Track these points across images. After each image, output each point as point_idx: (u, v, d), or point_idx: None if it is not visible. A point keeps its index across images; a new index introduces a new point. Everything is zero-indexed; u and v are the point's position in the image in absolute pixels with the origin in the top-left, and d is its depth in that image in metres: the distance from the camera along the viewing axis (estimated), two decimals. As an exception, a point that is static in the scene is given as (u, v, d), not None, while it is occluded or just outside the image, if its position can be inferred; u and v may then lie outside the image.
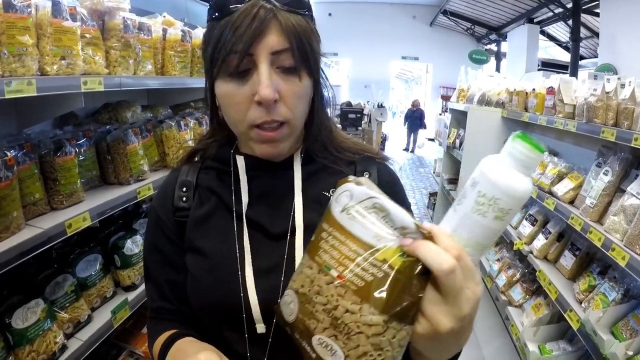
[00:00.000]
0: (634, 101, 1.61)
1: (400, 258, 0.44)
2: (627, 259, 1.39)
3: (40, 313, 1.27)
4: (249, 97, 0.65)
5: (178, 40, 1.90)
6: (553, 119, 2.21)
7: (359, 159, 0.81)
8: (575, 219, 1.82)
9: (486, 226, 0.45)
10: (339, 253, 0.48)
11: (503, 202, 0.44)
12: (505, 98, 3.28)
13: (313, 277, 0.49)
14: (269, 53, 0.64)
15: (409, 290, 0.43)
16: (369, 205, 0.48)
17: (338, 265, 0.47)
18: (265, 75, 0.63)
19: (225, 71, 0.65)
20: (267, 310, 0.70)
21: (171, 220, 0.80)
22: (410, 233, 0.45)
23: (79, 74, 1.33)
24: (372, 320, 0.43)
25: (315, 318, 0.47)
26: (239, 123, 0.69)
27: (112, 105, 1.93)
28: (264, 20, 0.62)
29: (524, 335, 1.95)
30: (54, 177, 1.37)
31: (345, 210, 0.49)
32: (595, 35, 8.14)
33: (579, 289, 1.76)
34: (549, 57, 11.49)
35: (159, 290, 0.83)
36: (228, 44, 0.63)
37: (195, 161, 0.84)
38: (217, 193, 0.78)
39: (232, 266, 0.72)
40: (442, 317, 0.43)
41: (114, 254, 1.68)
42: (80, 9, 1.35)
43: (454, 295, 0.43)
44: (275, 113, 0.66)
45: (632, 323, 1.43)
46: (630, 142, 1.48)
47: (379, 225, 0.46)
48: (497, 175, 0.44)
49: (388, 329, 0.43)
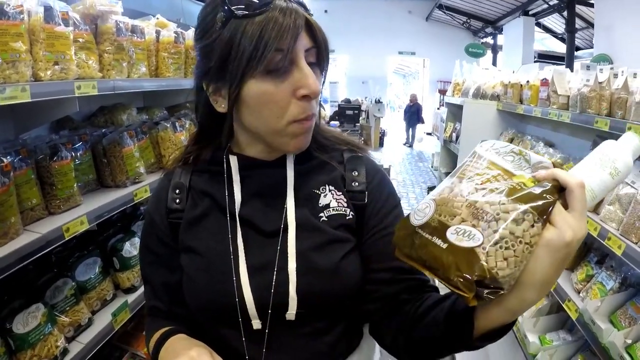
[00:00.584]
0: (627, 91, 1.61)
1: (536, 182, 0.52)
2: (623, 248, 1.40)
3: (40, 317, 1.28)
4: (289, 94, 0.67)
5: (171, 41, 1.90)
6: (547, 110, 2.22)
7: (348, 158, 0.83)
8: (571, 209, 1.83)
9: (601, 178, 0.57)
10: (481, 174, 0.54)
11: (619, 163, 0.57)
12: (500, 91, 3.28)
13: (454, 186, 0.55)
14: (304, 50, 0.67)
15: (546, 193, 0.50)
16: (508, 150, 0.56)
17: (481, 179, 0.53)
18: (310, 70, 0.67)
19: (265, 69, 0.65)
20: (262, 306, 0.72)
21: (165, 222, 0.81)
22: (544, 167, 0.53)
23: (73, 78, 1.34)
24: (513, 207, 0.49)
25: (452, 213, 0.51)
26: (276, 121, 0.69)
27: (108, 108, 1.93)
28: (298, 20, 0.64)
29: (524, 326, 1.96)
30: (50, 182, 1.38)
31: (488, 150, 0.57)
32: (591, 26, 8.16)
33: (577, 278, 1.77)
34: (545, 48, 11.51)
35: (153, 291, 0.86)
36: (272, 42, 0.62)
37: (188, 163, 0.85)
38: (211, 194, 0.80)
39: (226, 264, 0.74)
40: (567, 228, 0.48)
41: (112, 257, 1.69)
42: (72, 14, 1.36)
43: (580, 211, 0.50)
44: (312, 107, 0.70)
45: (630, 311, 1.44)
46: (624, 131, 1.48)
47: (516, 162, 0.55)
48: (619, 146, 0.59)
49: (525, 220, 0.48)
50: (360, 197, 0.79)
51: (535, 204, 0.48)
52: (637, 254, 1.34)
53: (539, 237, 0.48)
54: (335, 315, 0.78)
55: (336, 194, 0.79)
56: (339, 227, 0.76)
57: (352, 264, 0.76)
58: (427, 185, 6.83)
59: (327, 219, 0.76)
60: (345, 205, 0.78)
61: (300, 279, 0.72)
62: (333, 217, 0.76)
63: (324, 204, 0.77)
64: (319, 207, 0.77)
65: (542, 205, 0.49)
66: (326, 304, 0.75)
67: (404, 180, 8.19)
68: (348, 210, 0.78)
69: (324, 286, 0.73)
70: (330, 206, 0.77)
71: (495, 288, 0.47)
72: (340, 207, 0.78)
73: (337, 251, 0.75)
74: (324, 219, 0.76)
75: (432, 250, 0.51)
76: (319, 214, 0.76)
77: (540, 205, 0.49)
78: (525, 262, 0.48)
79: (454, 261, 0.48)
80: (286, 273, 0.72)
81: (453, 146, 4.05)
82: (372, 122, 11.05)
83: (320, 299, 0.74)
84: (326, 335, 0.77)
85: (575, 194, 0.50)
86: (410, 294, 0.74)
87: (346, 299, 0.76)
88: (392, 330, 0.74)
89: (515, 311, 0.53)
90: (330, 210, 0.77)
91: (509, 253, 0.47)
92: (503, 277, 0.47)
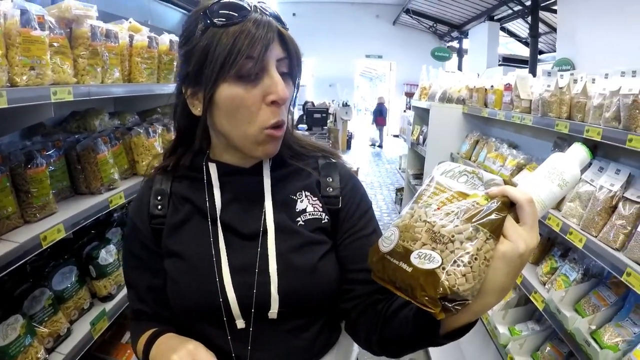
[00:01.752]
0: (586, 95, 1.73)
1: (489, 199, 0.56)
2: (584, 241, 1.51)
3: (20, 329, 1.25)
4: (259, 99, 0.71)
5: (145, 46, 1.88)
6: (511, 114, 2.34)
7: (322, 165, 0.88)
8: (535, 206, 1.95)
9: (550, 189, 0.61)
10: (437, 198, 0.59)
11: (566, 175, 0.62)
12: (465, 95, 3.41)
13: (414, 212, 0.59)
14: (275, 60, 0.70)
15: (496, 211, 0.54)
16: (462, 170, 0.61)
17: (437, 202, 0.58)
18: (279, 78, 0.70)
19: (236, 75, 0.69)
20: (245, 306, 0.76)
21: (147, 227, 0.84)
22: (496, 184, 0.57)
23: (48, 83, 1.31)
24: (465, 227, 0.53)
25: (414, 238, 0.56)
26: (248, 125, 0.72)
27: (80, 113, 1.89)
28: (272, 29, 0.69)
29: (494, 319, 2.06)
30: (26, 190, 1.34)
31: (444, 174, 0.62)
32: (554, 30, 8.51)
33: (542, 271, 1.88)
34: (510, 52, 11.97)
35: (138, 294, 0.87)
36: (244, 49, 0.67)
37: (168, 170, 0.87)
38: (191, 200, 0.83)
39: (209, 267, 0.77)
40: (520, 240, 0.52)
41: (89, 265, 1.66)
42: (47, 18, 1.33)
43: (531, 224, 0.54)
44: (282, 114, 0.73)
45: (593, 300, 1.55)
46: (583, 133, 1.60)
47: (470, 182, 0.59)
48: (566, 159, 0.64)
49: (477, 238, 0.52)
50: (334, 201, 0.85)
51: (487, 222, 0.53)
52: (596, 247, 1.45)
53: (493, 251, 0.52)
54: (314, 313, 0.83)
55: (312, 199, 0.84)
56: (315, 230, 0.82)
57: (329, 264, 0.81)
58: (395, 187, 6.98)
59: (304, 223, 0.81)
60: (320, 209, 0.83)
61: (281, 279, 0.76)
62: (309, 221, 0.81)
63: (300, 209, 0.82)
64: (296, 211, 0.82)
65: (494, 222, 0.53)
66: (306, 302, 0.79)
67: (372, 182, 8.32)
68: (323, 215, 0.83)
69: (303, 285, 0.78)
70: (307, 211, 0.82)
71: (460, 300, 0.52)
72: (316, 212, 0.83)
73: (314, 252, 0.80)
74: (300, 223, 0.81)
75: (400, 274, 0.56)
76: (296, 219, 0.81)
77: (491, 223, 0.53)
78: (484, 275, 0.52)
79: (418, 283, 0.53)
80: (267, 274, 0.76)
81: (420, 148, 4.17)
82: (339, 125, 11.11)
83: (300, 297, 0.78)
84: (306, 332, 0.82)
85: (525, 209, 0.54)
86: (383, 293, 0.79)
87: (324, 297, 0.81)
88: (366, 327, 0.79)
89: (478, 313, 0.58)
90: (306, 215, 0.82)
91: (467, 270, 0.51)
92: (465, 291, 0.51)
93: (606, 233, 1.45)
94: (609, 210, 1.50)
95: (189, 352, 0.66)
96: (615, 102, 1.43)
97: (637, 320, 1.35)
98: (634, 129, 1.34)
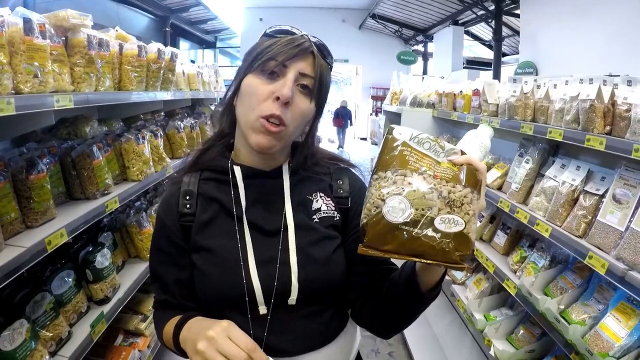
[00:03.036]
0: (548, 99, 1.92)
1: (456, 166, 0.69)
2: (550, 231, 1.68)
3: (25, 333, 1.27)
4: (269, 93, 0.82)
5: (135, 55, 1.92)
6: (479, 117, 2.52)
7: (334, 169, 1.01)
8: (503, 202, 2.11)
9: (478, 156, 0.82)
10: (424, 163, 0.68)
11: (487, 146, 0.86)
12: (435, 99, 3.60)
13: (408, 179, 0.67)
14: (298, 72, 0.83)
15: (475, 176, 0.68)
16: (424, 137, 0.71)
17: (428, 169, 0.67)
18: (290, 81, 0.81)
19: (260, 69, 0.83)
20: (267, 294, 0.87)
21: (176, 225, 0.92)
22: (455, 153, 0.71)
23: (50, 91, 1.35)
24: (467, 192, 0.65)
25: (429, 206, 0.64)
26: (251, 111, 0.83)
27: (70, 120, 1.90)
28: (305, 50, 0.83)
29: (470, 307, 2.22)
30: (27, 196, 1.37)
31: (412, 139, 0.70)
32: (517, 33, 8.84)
33: (513, 261, 2.05)
34: (474, 55, 12.42)
35: (164, 287, 0.96)
36: (274, 53, 0.82)
37: (195, 172, 0.96)
38: (218, 200, 0.92)
39: (236, 260, 0.87)
40: (483, 198, 0.70)
41: (85, 269, 1.68)
42: (48, 26, 1.36)
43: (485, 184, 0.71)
44: (283, 112, 0.82)
45: (561, 284, 1.72)
46: (546, 134, 1.77)
47: (433, 149, 0.70)
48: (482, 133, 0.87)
49: (473, 199, 0.66)
50: (344, 202, 0.97)
51: (476, 185, 0.67)
52: (561, 235, 1.62)
53: (477, 206, 0.67)
54: (327, 301, 0.94)
55: (326, 199, 0.96)
56: (329, 227, 0.94)
57: (340, 256, 0.93)
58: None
59: (319, 220, 0.93)
60: (333, 208, 0.95)
61: (301, 270, 0.87)
62: (324, 219, 0.93)
63: (316, 208, 0.94)
64: (312, 210, 0.94)
65: (480, 185, 0.68)
66: (321, 289, 0.90)
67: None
68: (335, 213, 0.96)
69: (319, 274, 0.89)
70: (321, 209, 0.94)
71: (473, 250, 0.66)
72: (329, 210, 0.95)
73: (329, 246, 0.92)
74: (316, 220, 0.93)
75: (425, 242, 0.62)
76: (312, 216, 0.93)
77: (478, 186, 0.67)
78: None
79: (451, 245, 0.62)
80: (288, 265, 0.87)
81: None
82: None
83: (317, 285, 0.89)
84: (320, 317, 0.92)
85: (484, 174, 0.70)
86: (382, 281, 0.91)
87: (337, 284, 0.92)
88: (369, 312, 0.92)
89: None
90: (321, 213, 0.94)
91: (475, 226, 0.65)
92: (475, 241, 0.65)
93: (569, 223, 1.62)
94: (571, 202, 1.68)
95: (224, 329, 0.73)
96: (574, 106, 1.60)
97: (601, 299, 1.53)
98: (591, 130, 1.52)
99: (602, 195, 1.54)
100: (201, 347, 0.70)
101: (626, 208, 1.40)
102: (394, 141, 0.70)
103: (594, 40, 5.37)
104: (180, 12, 12.00)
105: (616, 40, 5.05)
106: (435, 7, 10.01)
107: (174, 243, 0.93)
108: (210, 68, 3.58)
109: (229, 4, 12.97)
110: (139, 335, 2.01)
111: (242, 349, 0.69)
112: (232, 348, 0.69)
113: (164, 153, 2.29)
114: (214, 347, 0.70)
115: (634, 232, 1.30)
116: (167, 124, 2.60)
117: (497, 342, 1.94)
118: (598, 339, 1.35)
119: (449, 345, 2.76)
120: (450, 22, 10.22)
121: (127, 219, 2.07)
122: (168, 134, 2.57)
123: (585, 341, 1.37)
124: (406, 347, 2.96)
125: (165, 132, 2.54)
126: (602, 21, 5.27)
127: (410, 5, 10.52)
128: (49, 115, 1.43)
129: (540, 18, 6.49)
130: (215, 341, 0.70)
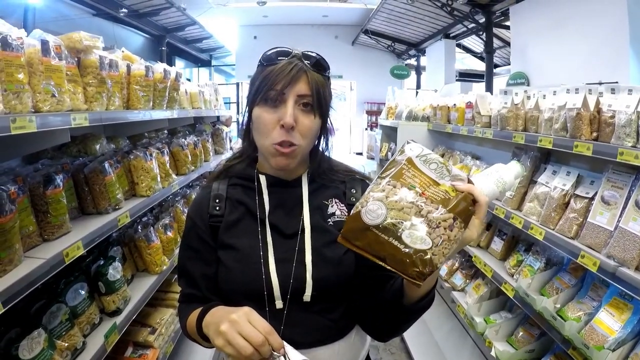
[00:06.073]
0: (538, 109, 2.02)
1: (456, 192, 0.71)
2: (544, 234, 1.76)
3: (43, 343, 1.31)
4: (276, 121, 0.92)
5: (142, 75, 2.00)
6: (473, 129, 2.61)
7: (348, 179, 1.10)
8: (499, 209, 2.19)
9: (493, 191, 0.90)
10: (418, 180, 0.71)
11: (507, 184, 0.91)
12: (430, 113, 3.70)
13: (396, 189, 0.70)
14: (296, 95, 0.92)
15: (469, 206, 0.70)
16: (433, 158, 0.74)
17: (419, 186, 0.71)
18: (290, 108, 0.90)
19: (263, 100, 0.92)
20: (284, 290, 0.95)
21: (206, 224, 1.03)
22: (461, 179, 0.73)
23: (66, 109, 1.42)
24: (449, 217, 0.67)
25: (403, 218, 0.67)
26: (265, 139, 0.94)
27: (79, 138, 1.97)
28: (298, 72, 0.91)
29: (470, 312, 2.28)
30: (44, 210, 1.43)
31: (420, 157, 0.74)
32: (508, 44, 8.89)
33: (510, 265, 2.12)
34: (466, 67, 12.57)
35: (191, 281, 1.05)
36: (271, 83, 0.90)
37: (222, 179, 1.07)
38: (245, 203, 1.03)
39: (257, 257, 0.97)
40: (475, 230, 0.74)
41: (98, 281, 1.73)
42: (63, 48, 1.44)
43: (482, 219, 0.75)
44: (291, 136, 0.92)
45: (556, 284, 1.79)
46: (537, 143, 1.86)
47: (439, 171, 0.73)
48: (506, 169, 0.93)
49: (455, 226, 0.67)
50: None
51: (463, 214, 0.68)
52: (555, 237, 1.69)
53: (461, 236, 0.69)
54: (338, 298, 1.01)
55: (339, 205, 1.05)
56: None
57: (350, 258, 1.01)
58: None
59: (333, 224, 1.02)
60: (346, 213, 1.05)
61: (315, 269, 0.96)
62: (337, 222, 1.02)
63: (330, 212, 1.04)
64: (327, 214, 1.03)
65: (467, 215, 0.69)
66: (333, 287, 0.99)
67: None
68: None
69: (332, 273, 0.98)
70: (335, 214, 1.04)
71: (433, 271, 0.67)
72: (343, 215, 1.04)
73: (341, 247, 0.98)
74: (330, 223, 1.02)
75: (389, 249, 0.66)
76: (327, 220, 1.02)
77: (466, 215, 0.69)
78: None
79: (411, 260, 0.65)
80: (304, 264, 0.96)
81: (389, 164, 4.41)
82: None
83: (329, 283, 0.97)
84: (332, 314, 1.00)
85: (483, 208, 0.73)
86: (384, 284, 0.97)
87: (346, 283, 1.00)
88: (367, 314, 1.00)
89: (431, 283, 0.82)
90: (335, 217, 1.03)
91: (447, 251, 0.66)
92: (440, 265, 0.67)
93: (562, 225, 1.70)
94: (563, 206, 1.76)
95: (245, 313, 0.79)
96: (562, 115, 1.70)
97: (594, 297, 1.60)
98: (579, 137, 1.61)
99: (591, 197, 1.63)
100: (223, 329, 0.77)
101: (614, 209, 1.48)
102: (402, 155, 0.76)
103: (580, 50, 5.55)
104: (176, 31, 12.16)
105: (601, 50, 5.22)
106: (427, 22, 10.20)
107: (203, 240, 1.02)
108: (211, 87, 3.69)
109: (224, 23, 13.19)
110: (148, 347, 2.04)
111: (260, 332, 0.75)
112: (252, 330, 0.75)
113: (170, 169, 2.36)
114: (235, 329, 0.76)
115: (622, 231, 1.38)
116: (171, 142, 2.67)
117: (497, 344, 2.00)
118: (593, 333, 1.42)
119: (450, 351, 2.81)
120: (442, 36, 10.40)
121: (135, 233, 2.13)
122: (172, 151, 2.64)
123: (581, 336, 1.43)
124: (409, 356, 3.00)
125: (170, 149, 2.61)
126: (587, 31, 5.46)
127: (402, 20, 10.72)
128: (65, 133, 1.50)
129: (529, 30, 6.66)
130: (237, 323, 0.76)
